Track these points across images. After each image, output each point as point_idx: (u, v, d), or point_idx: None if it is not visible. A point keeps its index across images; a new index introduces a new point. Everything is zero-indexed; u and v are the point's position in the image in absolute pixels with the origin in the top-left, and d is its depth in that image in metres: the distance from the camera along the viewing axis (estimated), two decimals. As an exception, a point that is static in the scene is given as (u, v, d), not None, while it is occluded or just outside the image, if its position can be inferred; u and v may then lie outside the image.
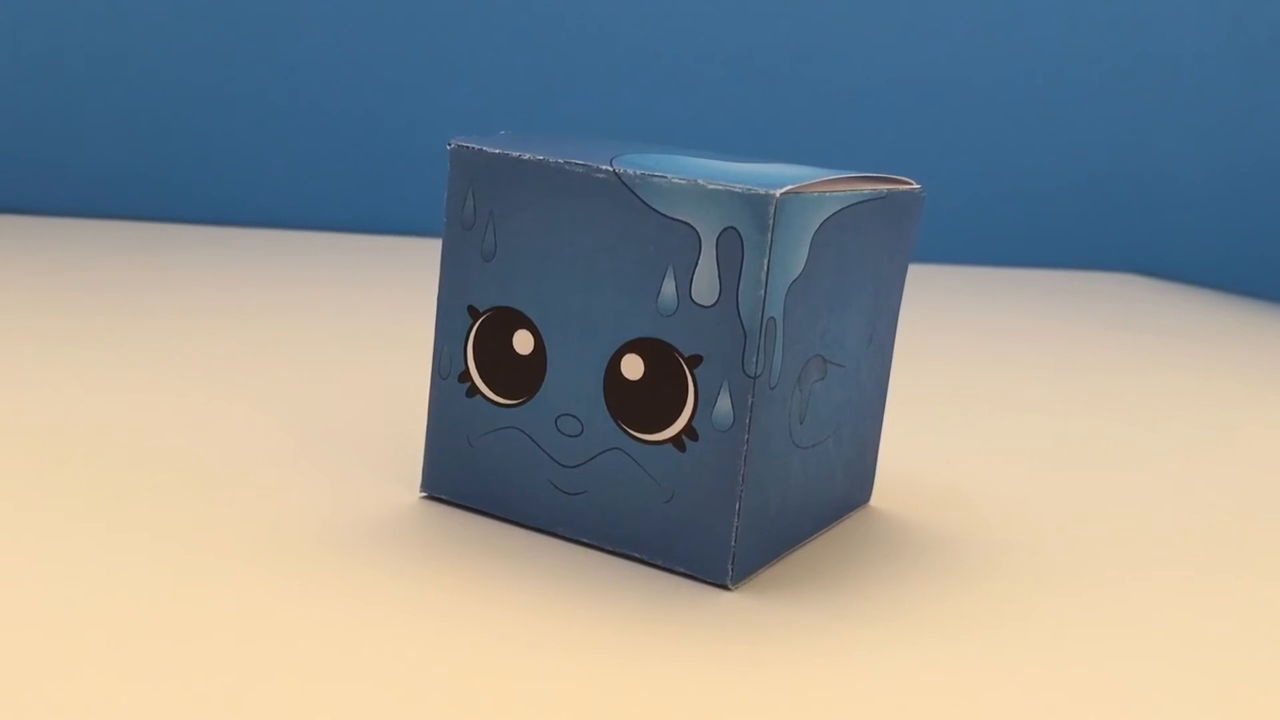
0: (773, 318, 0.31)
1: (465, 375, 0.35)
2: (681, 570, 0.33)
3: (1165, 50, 1.00)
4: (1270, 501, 0.45)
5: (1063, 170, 1.01)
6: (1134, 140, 1.01)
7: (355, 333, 0.57)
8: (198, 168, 0.84)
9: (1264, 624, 0.34)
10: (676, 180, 0.31)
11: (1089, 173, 1.01)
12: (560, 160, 0.33)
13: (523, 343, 0.34)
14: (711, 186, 0.31)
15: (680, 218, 0.31)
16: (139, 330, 0.53)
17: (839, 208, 0.33)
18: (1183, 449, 0.51)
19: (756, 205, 0.30)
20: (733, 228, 0.31)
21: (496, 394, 0.34)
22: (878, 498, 0.41)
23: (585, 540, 0.34)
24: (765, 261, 0.30)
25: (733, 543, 0.32)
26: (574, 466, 0.34)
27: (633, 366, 0.32)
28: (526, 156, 0.33)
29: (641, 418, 0.32)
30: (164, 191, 0.84)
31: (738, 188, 0.30)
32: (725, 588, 0.32)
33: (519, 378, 0.34)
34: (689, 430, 0.32)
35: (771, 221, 0.30)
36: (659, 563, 0.33)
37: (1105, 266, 1.03)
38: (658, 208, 0.31)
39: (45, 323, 0.53)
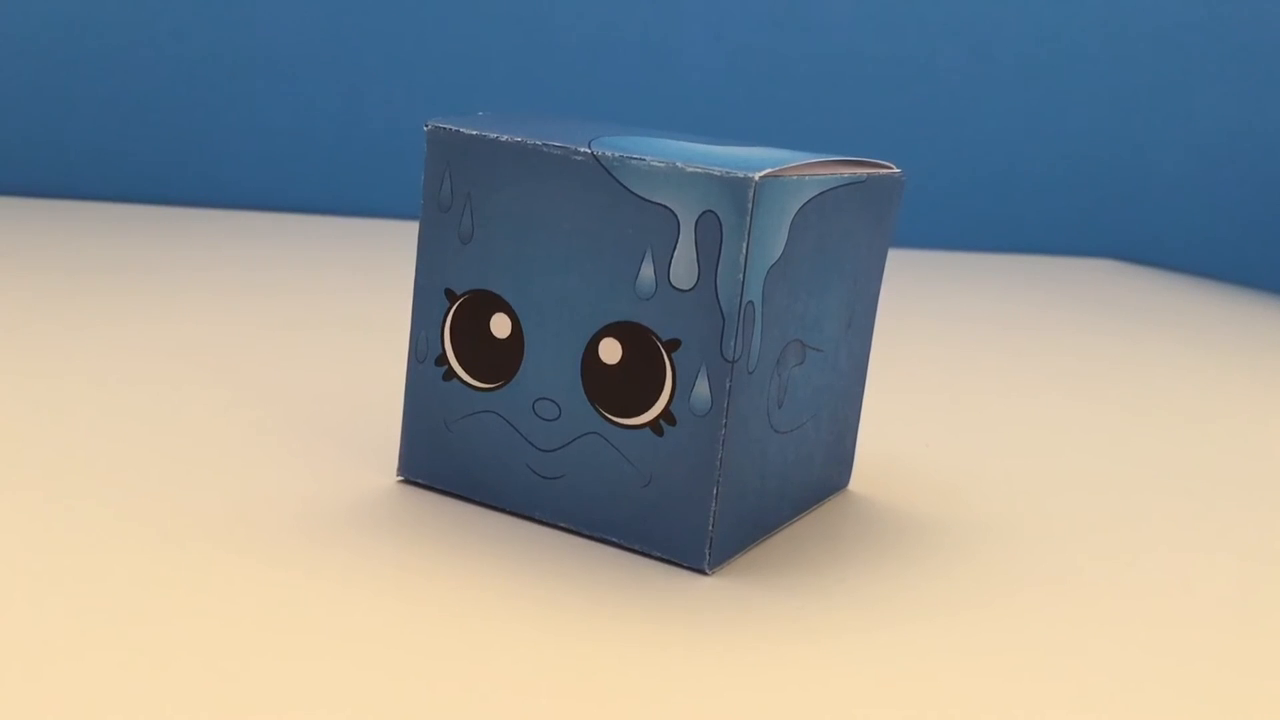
0: (751, 302, 0.31)
1: (442, 359, 0.35)
2: (659, 555, 0.33)
3: (1145, 35, 1.00)
4: (1251, 485, 0.45)
5: (1043, 156, 1.01)
6: (1114, 126, 1.01)
7: (332, 316, 0.57)
8: (172, 149, 0.84)
9: (1245, 607, 0.34)
10: (655, 163, 0.31)
11: (1069, 158, 1.01)
12: (538, 142, 0.32)
13: (500, 326, 0.34)
14: (690, 169, 0.30)
15: (659, 200, 0.31)
16: (113, 312, 0.53)
17: (818, 191, 0.32)
18: (1162, 433, 0.51)
19: (735, 188, 0.30)
20: (711, 211, 0.30)
21: (474, 378, 0.34)
22: (856, 482, 0.41)
23: (562, 525, 0.34)
24: (744, 245, 0.30)
25: (710, 527, 0.32)
26: (551, 451, 0.33)
27: (610, 350, 0.32)
28: (504, 138, 0.33)
29: (619, 402, 0.32)
30: (138, 174, 0.83)
31: (717, 171, 0.30)
32: (703, 572, 0.32)
33: (496, 361, 0.34)
34: (667, 415, 0.32)
35: (751, 205, 0.30)
36: (636, 547, 0.33)
37: (1085, 252, 1.03)
38: (636, 190, 0.31)
39: (17, 304, 0.52)
